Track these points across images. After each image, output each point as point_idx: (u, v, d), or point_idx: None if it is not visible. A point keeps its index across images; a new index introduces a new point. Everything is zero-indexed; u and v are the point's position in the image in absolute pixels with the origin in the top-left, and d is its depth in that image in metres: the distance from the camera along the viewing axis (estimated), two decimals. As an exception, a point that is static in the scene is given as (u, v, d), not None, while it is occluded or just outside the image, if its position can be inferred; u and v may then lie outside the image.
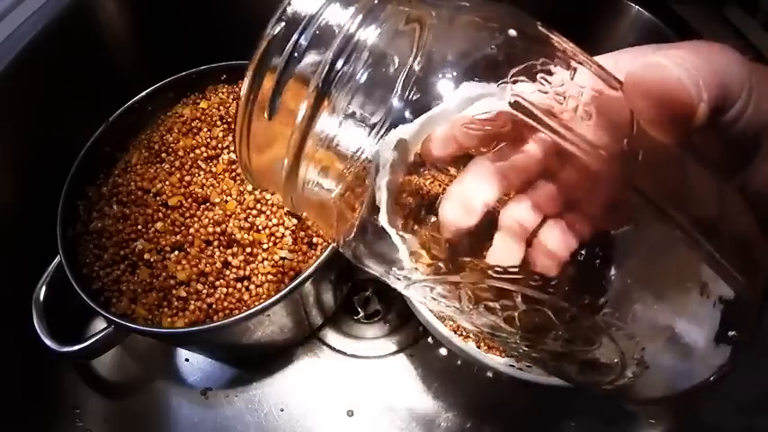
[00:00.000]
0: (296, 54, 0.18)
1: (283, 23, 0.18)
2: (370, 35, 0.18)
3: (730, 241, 0.19)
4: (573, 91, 0.18)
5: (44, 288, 0.41)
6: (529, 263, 0.19)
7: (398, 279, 0.22)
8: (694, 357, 0.19)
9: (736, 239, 0.19)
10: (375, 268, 0.22)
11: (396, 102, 0.18)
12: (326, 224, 0.21)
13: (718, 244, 0.18)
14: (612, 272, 0.18)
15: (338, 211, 0.20)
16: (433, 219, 0.20)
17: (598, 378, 0.21)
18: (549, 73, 0.18)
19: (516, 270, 0.19)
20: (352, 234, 0.20)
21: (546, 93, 0.18)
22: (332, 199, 0.20)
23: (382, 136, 0.18)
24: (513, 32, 0.18)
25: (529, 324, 0.20)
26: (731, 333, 0.19)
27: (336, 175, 0.19)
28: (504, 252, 0.19)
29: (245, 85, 0.19)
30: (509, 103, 0.17)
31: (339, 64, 0.18)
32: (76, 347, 0.39)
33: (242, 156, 0.21)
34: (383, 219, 0.19)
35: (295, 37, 0.18)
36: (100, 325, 0.41)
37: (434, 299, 0.22)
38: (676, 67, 0.17)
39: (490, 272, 0.19)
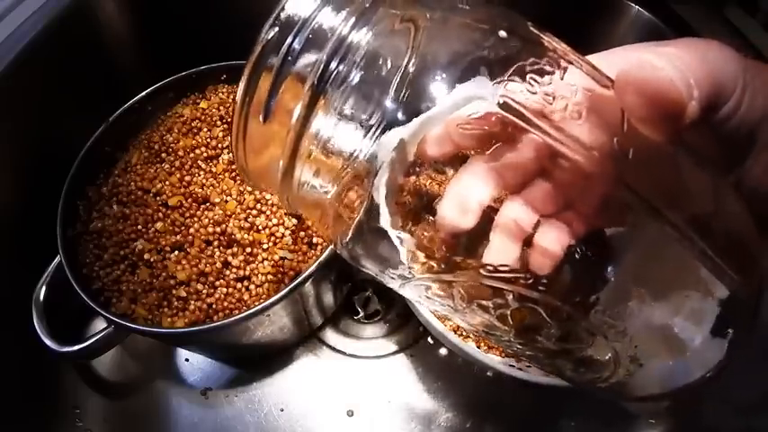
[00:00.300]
0: (290, 57, 0.18)
1: (277, 28, 0.18)
2: (362, 38, 0.18)
3: (725, 239, 0.19)
4: (563, 90, 0.18)
5: (44, 288, 0.41)
6: (520, 261, 0.19)
7: (393, 278, 0.22)
8: (690, 354, 0.19)
9: (731, 237, 0.19)
10: (370, 268, 0.22)
11: (390, 103, 0.18)
12: (322, 224, 0.22)
13: (712, 242, 0.18)
14: (605, 270, 0.18)
15: (334, 212, 0.20)
16: (431, 218, 0.20)
17: (593, 376, 0.21)
18: (540, 73, 0.18)
19: (508, 268, 0.19)
20: (350, 234, 0.21)
21: (535, 93, 0.18)
22: (328, 199, 0.20)
23: (378, 137, 0.18)
24: (503, 34, 0.19)
25: (521, 322, 0.20)
26: (727, 330, 0.19)
27: (333, 175, 0.20)
28: (500, 251, 0.20)
29: (240, 88, 0.19)
30: (498, 104, 0.18)
31: (332, 66, 0.18)
32: (76, 347, 0.39)
33: (239, 156, 0.21)
34: (381, 219, 0.20)
35: (289, 41, 0.18)
36: (100, 325, 0.41)
37: (429, 298, 0.22)
38: (667, 66, 0.17)
39: (482, 271, 0.19)
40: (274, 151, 0.20)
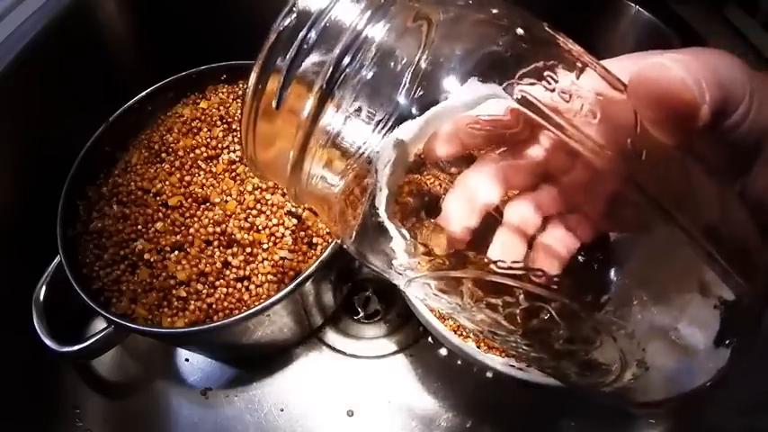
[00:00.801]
0: (305, 46, 0.18)
1: (294, 16, 0.18)
2: (378, 31, 0.18)
3: (732, 245, 0.18)
4: (578, 90, 0.18)
5: (44, 288, 0.41)
6: (530, 259, 0.19)
7: (400, 274, 0.22)
8: (695, 359, 0.19)
9: (737, 243, 0.19)
10: (377, 264, 0.22)
11: (402, 98, 0.18)
12: (330, 219, 0.21)
13: (720, 246, 0.18)
14: (616, 270, 0.18)
15: (341, 206, 0.20)
16: (436, 216, 0.20)
17: (597, 380, 0.21)
18: (555, 73, 0.18)
19: (520, 266, 0.19)
20: (356, 230, 0.20)
21: (552, 91, 0.18)
22: (335, 194, 0.20)
23: (387, 132, 0.18)
24: (520, 31, 0.18)
25: (530, 322, 0.20)
26: (731, 337, 0.18)
27: (340, 170, 0.20)
28: (507, 247, 0.20)
29: (252, 76, 0.19)
30: (516, 99, 0.17)
31: (346, 60, 0.18)
32: (76, 347, 0.39)
33: (247, 146, 0.21)
34: (385, 215, 0.20)
35: (304, 31, 0.18)
36: (100, 325, 0.41)
37: (435, 295, 0.22)
38: (679, 68, 0.17)
39: (493, 267, 0.19)
40: (283, 143, 0.19)
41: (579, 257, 0.19)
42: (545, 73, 0.18)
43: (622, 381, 0.20)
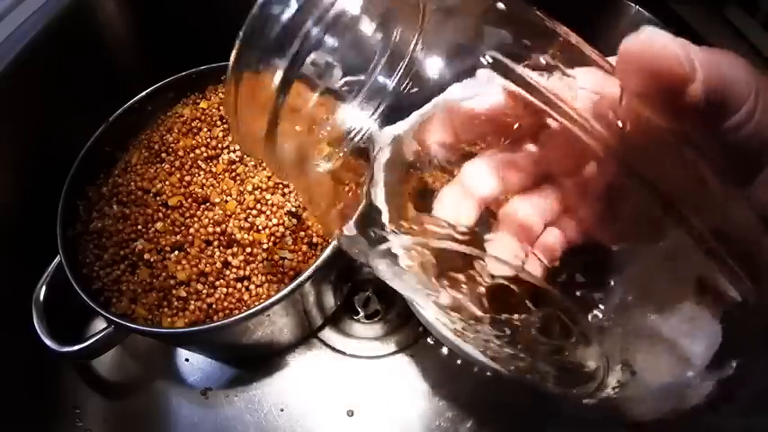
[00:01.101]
0: (286, 18, 0.18)
1: None
2: (352, 4, 0.18)
3: (736, 246, 0.18)
4: (570, 72, 0.17)
5: (44, 288, 0.41)
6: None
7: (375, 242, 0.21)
8: (690, 370, 0.18)
9: (741, 246, 0.18)
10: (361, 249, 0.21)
11: (393, 86, 0.17)
12: (314, 206, 0.21)
13: (724, 246, 0.17)
14: (598, 258, 0.18)
15: (327, 190, 0.20)
16: (429, 202, 0.20)
17: (578, 386, 0.20)
18: (543, 51, 0.17)
19: (466, 231, 0.18)
20: (349, 217, 0.20)
21: (543, 72, 0.17)
22: (320, 173, 0.20)
23: (376, 121, 0.18)
24: (501, 6, 0.18)
25: (496, 304, 0.19)
26: (733, 351, 0.18)
27: (328, 155, 0.19)
28: (502, 245, 0.19)
29: (235, 47, 0.19)
30: (509, 77, 0.17)
31: (315, 31, 0.17)
32: (76, 347, 0.39)
33: (231, 121, 0.20)
34: (377, 197, 0.19)
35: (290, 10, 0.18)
36: (100, 325, 0.41)
37: (401, 269, 0.21)
38: (669, 39, 0.16)
39: (454, 233, 0.18)
40: (264, 116, 0.19)
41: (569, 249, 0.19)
42: (537, 55, 0.17)
43: (606, 389, 0.19)
